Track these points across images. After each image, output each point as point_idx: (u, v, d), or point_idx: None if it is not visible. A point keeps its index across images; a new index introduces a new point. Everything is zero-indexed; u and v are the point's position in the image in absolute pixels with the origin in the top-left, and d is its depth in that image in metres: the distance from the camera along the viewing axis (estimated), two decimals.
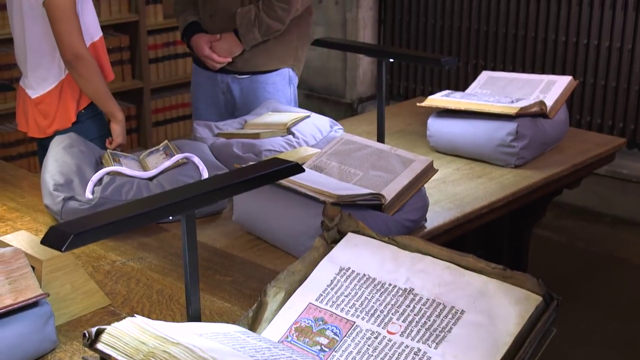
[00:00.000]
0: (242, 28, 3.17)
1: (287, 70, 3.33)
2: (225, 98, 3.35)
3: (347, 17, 5.67)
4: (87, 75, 2.88)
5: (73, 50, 2.82)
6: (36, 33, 2.90)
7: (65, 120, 2.96)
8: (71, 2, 2.82)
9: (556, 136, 3.02)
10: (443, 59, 2.70)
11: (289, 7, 3.16)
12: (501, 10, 4.98)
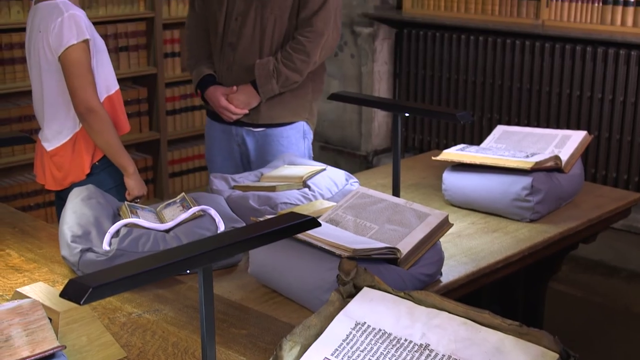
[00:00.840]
0: (260, 79, 3.20)
1: (301, 123, 3.36)
2: (240, 150, 3.38)
3: (363, 70, 5.73)
4: (99, 129, 2.92)
5: (86, 104, 2.87)
6: (52, 87, 2.95)
7: (79, 172, 3.00)
8: (86, 57, 2.88)
9: (571, 191, 3.02)
10: (458, 114, 2.72)
11: (308, 59, 3.19)
12: (515, 64, 5.02)
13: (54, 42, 2.86)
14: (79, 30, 2.86)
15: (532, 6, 4.99)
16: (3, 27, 4.45)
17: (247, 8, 3.19)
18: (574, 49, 4.76)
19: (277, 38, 3.21)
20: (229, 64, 3.26)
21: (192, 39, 3.39)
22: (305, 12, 3.18)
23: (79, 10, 2.91)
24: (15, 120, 4.57)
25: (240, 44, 3.21)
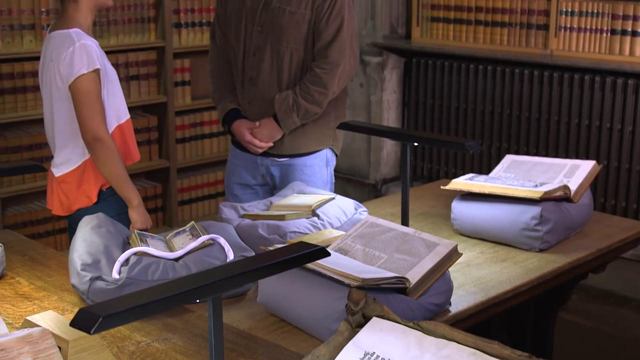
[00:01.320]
0: (280, 113, 3.23)
1: (325, 151, 3.39)
2: (264, 180, 3.40)
3: (372, 99, 5.75)
4: (104, 158, 2.94)
5: (93, 133, 2.90)
6: (63, 115, 2.98)
7: (86, 199, 3.02)
8: (96, 87, 2.90)
9: (581, 220, 3.01)
10: (467, 144, 2.73)
11: (326, 90, 3.21)
12: (524, 93, 5.03)
13: (65, 71, 2.89)
14: (89, 59, 2.88)
15: (540, 36, 5.01)
16: (16, 56, 4.49)
17: (263, 43, 3.22)
18: (583, 79, 4.78)
19: (295, 70, 3.24)
20: (251, 98, 3.29)
21: (215, 72, 3.43)
22: (319, 44, 3.21)
23: (90, 40, 2.94)
24: (27, 148, 4.59)
25: (259, 78, 3.25)
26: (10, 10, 4.44)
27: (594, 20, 4.77)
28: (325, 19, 3.19)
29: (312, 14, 3.19)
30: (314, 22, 3.20)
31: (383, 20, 5.68)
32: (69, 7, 2.99)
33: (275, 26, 3.20)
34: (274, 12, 3.20)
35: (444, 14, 5.43)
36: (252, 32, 3.24)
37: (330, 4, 3.19)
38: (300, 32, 3.20)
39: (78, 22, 2.96)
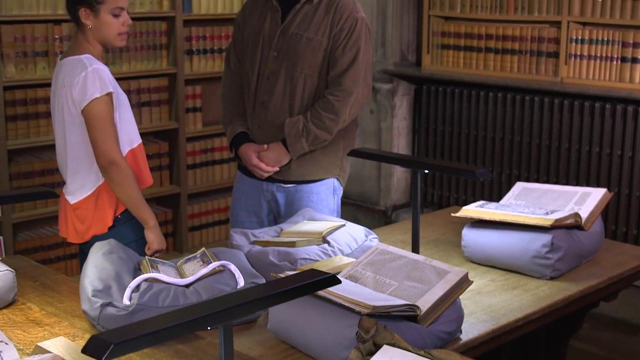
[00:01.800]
0: (290, 137, 3.23)
1: (332, 180, 3.39)
2: (269, 206, 3.40)
3: (382, 126, 5.76)
4: (119, 181, 2.95)
5: (107, 156, 2.91)
6: (75, 140, 2.99)
7: (102, 225, 3.02)
8: (108, 110, 2.92)
9: (592, 248, 3.01)
10: (477, 171, 2.74)
11: (337, 117, 3.22)
12: (535, 121, 5.04)
13: (78, 96, 2.91)
14: (102, 83, 2.90)
15: (551, 64, 5.02)
16: (29, 82, 4.52)
17: (278, 67, 3.24)
18: (593, 106, 4.78)
19: (308, 96, 3.25)
20: (261, 122, 3.30)
21: (227, 96, 3.45)
22: (334, 71, 3.23)
23: (102, 65, 2.96)
24: (38, 173, 4.62)
25: (271, 103, 3.26)
26: (24, 37, 4.48)
27: (604, 47, 4.78)
28: (342, 47, 3.22)
29: (328, 41, 3.22)
30: (330, 49, 3.23)
31: (394, 47, 5.70)
32: (80, 35, 3.02)
33: (292, 52, 3.22)
34: (291, 37, 3.22)
35: (455, 41, 5.45)
36: (268, 57, 3.26)
37: (347, 33, 3.22)
38: (316, 58, 3.22)
39: (88, 49, 2.99)
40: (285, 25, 3.24)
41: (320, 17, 3.23)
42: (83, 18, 2.96)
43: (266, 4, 3.32)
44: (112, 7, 2.96)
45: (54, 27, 4.59)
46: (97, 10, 2.94)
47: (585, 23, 4.89)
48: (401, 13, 5.68)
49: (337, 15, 3.22)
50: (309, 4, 3.24)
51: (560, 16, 4.93)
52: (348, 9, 3.23)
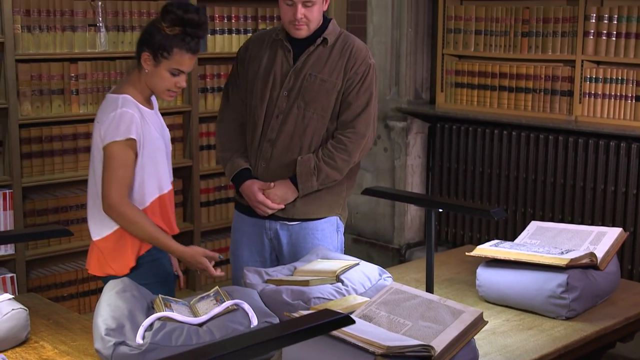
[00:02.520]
0: (302, 176, 3.23)
1: (335, 218, 3.39)
2: (272, 244, 3.38)
3: (396, 164, 5.76)
4: (123, 224, 2.94)
5: (106, 199, 2.91)
6: (100, 176, 2.98)
7: (123, 265, 2.99)
8: (125, 155, 2.91)
9: (608, 288, 2.99)
10: (492, 210, 2.73)
11: (349, 158, 3.25)
12: (549, 159, 5.03)
13: (103, 134, 2.91)
14: (125, 128, 2.89)
15: (565, 102, 5.02)
16: (44, 120, 4.55)
17: (289, 106, 3.25)
18: (608, 145, 4.77)
19: (317, 137, 3.26)
20: (266, 160, 3.30)
21: (226, 131, 3.42)
22: (347, 115, 3.26)
23: (134, 109, 2.94)
24: (52, 211, 4.63)
25: (279, 141, 3.26)
26: (40, 75, 4.52)
27: (618, 86, 4.79)
28: (356, 91, 3.25)
29: (342, 84, 3.24)
30: (342, 92, 3.25)
31: (407, 85, 5.72)
32: (134, 73, 3.01)
33: (305, 92, 3.23)
34: (304, 78, 3.24)
35: (468, 79, 5.47)
36: (279, 96, 3.27)
37: (362, 77, 3.25)
38: (329, 100, 3.24)
39: (131, 90, 2.98)
40: (298, 65, 3.26)
41: (334, 60, 3.25)
42: (143, 60, 2.95)
43: (274, 43, 3.33)
44: (174, 67, 2.95)
45: (70, 66, 4.63)
46: (159, 61, 2.94)
47: (600, 62, 4.89)
48: (415, 51, 5.71)
49: (352, 60, 3.25)
50: (323, 45, 3.26)
51: (574, 55, 4.94)
52: (362, 54, 3.28)
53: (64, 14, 4.57)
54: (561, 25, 4.98)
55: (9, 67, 4.35)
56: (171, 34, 2.91)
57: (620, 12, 4.74)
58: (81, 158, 4.70)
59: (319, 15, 3.23)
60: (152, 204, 3.02)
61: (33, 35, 4.47)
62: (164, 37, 2.91)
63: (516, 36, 5.21)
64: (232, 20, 5.29)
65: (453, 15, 5.47)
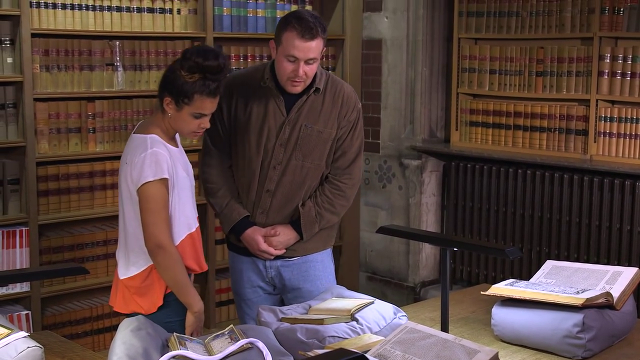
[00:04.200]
0: (305, 226, 3.29)
1: (330, 249, 3.50)
2: (273, 281, 3.40)
3: (411, 202, 5.77)
4: (166, 266, 2.93)
5: (155, 240, 2.90)
6: (131, 217, 2.99)
7: (151, 304, 3.00)
8: (162, 195, 2.92)
9: (624, 328, 2.96)
10: (507, 249, 2.72)
11: (347, 203, 3.38)
12: (564, 198, 5.02)
13: (135, 176, 2.91)
14: (158, 168, 2.90)
15: (580, 141, 5.02)
16: (62, 158, 4.59)
17: (287, 158, 3.26)
18: (623, 184, 4.76)
19: (314, 183, 3.34)
20: (265, 209, 3.32)
21: (218, 178, 3.37)
22: (342, 162, 3.34)
23: (163, 149, 2.96)
24: (68, 248, 4.65)
25: (278, 191, 3.29)
26: (58, 114, 4.56)
27: (633, 126, 4.79)
28: (350, 138, 3.32)
29: (336, 133, 3.30)
30: (336, 139, 3.31)
31: (422, 124, 5.74)
32: (159, 113, 3.02)
33: (302, 144, 3.26)
34: (300, 130, 3.25)
35: (483, 118, 5.48)
36: (274, 147, 3.25)
37: (353, 125, 3.33)
38: (325, 149, 3.30)
39: (158, 130, 2.99)
40: (292, 116, 3.24)
41: (328, 109, 3.27)
42: (165, 105, 2.96)
43: (260, 90, 3.26)
44: (196, 112, 2.95)
45: (87, 104, 4.67)
46: (181, 107, 2.94)
47: (614, 101, 4.90)
48: (430, 90, 5.74)
49: (344, 108, 3.29)
50: (316, 94, 3.27)
51: (589, 94, 4.95)
52: (352, 100, 3.33)
53: (82, 54, 4.62)
54: (575, 64, 5.00)
55: (27, 105, 4.40)
56: (191, 81, 2.91)
57: (634, 52, 4.76)
58: (97, 196, 4.73)
59: (316, 70, 3.22)
60: (182, 242, 3.03)
61: (51, 75, 4.53)
62: (184, 84, 2.90)
63: (531, 75, 5.23)
64: (248, 59, 5.33)
65: (468, 54, 5.50)
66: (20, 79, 4.38)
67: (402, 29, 5.75)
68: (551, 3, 5.09)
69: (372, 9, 5.92)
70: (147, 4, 4.86)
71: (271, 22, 5.40)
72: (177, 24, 5.00)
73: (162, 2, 4.92)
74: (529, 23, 5.20)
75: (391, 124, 5.89)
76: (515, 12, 5.26)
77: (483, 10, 5.41)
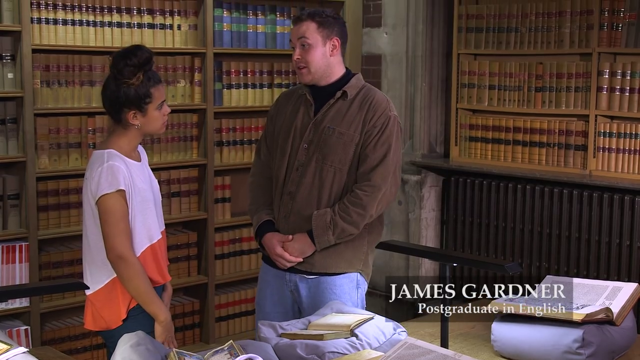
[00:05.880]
0: (317, 230, 3.24)
1: (355, 274, 3.37)
2: (293, 297, 3.39)
3: (410, 217, 5.77)
4: (127, 276, 2.98)
5: (115, 251, 2.96)
6: (93, 232, 3.06)
7: (115, 317, 3.04)
8: (121, 206, 2.97)
9: (624, 344, 2.96)
10: (507, 265, 2.73)
11: (364, 212, 3.24)
12: (564, 213, 5.02)
13: (93, 189, 2.99)
14: (113, 180, 2.96)
15: (579, 156, 5.03)
16: (62, 173, 4.60)
17: (308, 159, 3.28)
18: (622, 199, 4.76)
19: (336, 190, 3.28)
20: (287, 213, 3.32)
21: (255, 186, 3.48)
22: (364, 167, 3.27)
23: (119, 161, 3.01)
24: (67, 263, 4.65)
25: (298, 194, 3.29)
26: (58, 129, 4.57)
27: (632, 141, 4.80)
28: (373, 144, 3.26)
29: (360, 137, 3.27)
30: (361, 145, 3.27)
31: (422, 139, 5.75)
32: (116, 129, 3.10)
33: (323, 145, 3.26)
34: (323, 131, 3.27)
35: (482, 133, 5.49)
36: (299, 148, 3.30)
37: (379, 130, 3.26)
38: (347, 153, 3.26)
39: (119, 144, 3.06)
40: (317, 118, 3.30)
41: (353, 113, 3.28)
42: (131, 120, 3.04)
43: (300, 98, 3.39)
44: (158, 103, 3.06)
45: (87, 120, 4.68)
46: (145, 109, 3.03)
47: (613, 117, 4.91)
48: (429, 105, 5.75)
49: (371, 112, 3.27)
50: (343, 99, 3.30)
51: (588, 110, 4.96)
52: (381, 106, 3.30)
53: (83, 69, 4.64)
54: (574, 80, 5.01)
55: (27, 120, 4.41)
56: (139, 82, 3.00)
57: (633, 67, 4.77)
58: None
59: (321, 60, 3.28)
60: (143, 253, 3.07)
61: (52, 90, 4.54)
62: (138, 88, 3.01)
63: (530, 91, 5.24)
64: (248, 74, 5.35)
65: (467, 70, 5.52)
66: (21, 94, 4.39)
67: (401, 45, 5.76)
68: (550, 19, 5.11)
69: (372, 24, 5.94)
70: (148, 19, 4.88)
71: (271, 38, 5.43)
72: (178, 40, 5.02)
73: (162, 17, 4.94)
74: (528, 39, 5.22)
75: None
76: (514, 28, 5.28)
77: (482, 26, 5.42)
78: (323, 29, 3.28)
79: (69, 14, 4.58)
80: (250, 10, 5.35)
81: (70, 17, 4.59)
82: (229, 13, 5.25)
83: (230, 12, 5.26)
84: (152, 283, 3.07)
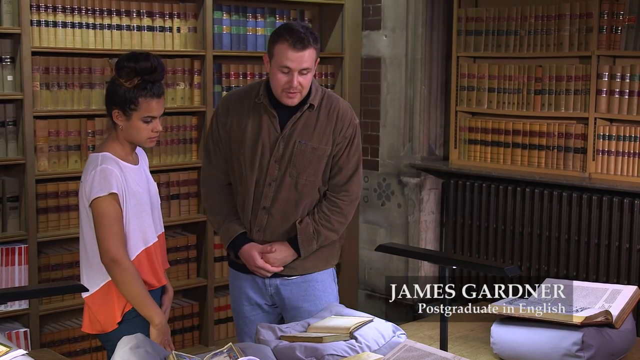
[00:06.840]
0: (303, 242, 3.27)
1: (332, 269, 3.45)
2: (273, 300, 3.39)
3: (409, 220, 5.77)
4: (122, 280, 2.98)
5: (109, 254, 2.96)
6: (87, 235, 3.05)
7: (111, 320, 3.04)
8: (114, 209, 2.98)
9: (623, 347, 2.96)
10: (506, 268, 2.73)
11: (345, 220, 3.34)
12: (563, 216, 5.02)
13: (87, 192, 3.00)
14: (106, 183, 2.97)
15: (578, 159, 5.03)
16: (61, 175, 4.60)
17: (281, 175, 3.26)
18: (622, 202, 4.76)
19: (311, 201, 3.31)
20: (261, 226, 3.31)
21: (214, 194, 3.39)
22: (339, 179, 3.31)
23: (113, 164, 3.01)
24: (67, 265, 4.65)
25: (274, 208, 3.27)
26: (57, 131, 4.57)
27: (631, 144, 4.80)
28: (346, 155, 3.30)
29: (332, 149, 3.28)
30: (332, 156, 3.29)
31: (421, 142, 5.75)
32: (112, 131, 3.11)
33: (296, 161, 3.25)
34: (294, 146, 3.24)
35: (482, 136, 5.49)
36: (269, 164, 3.25)
37: (349, 142, 3.30)
38: (320, 166, 3.28)
39: (114, 147, 3.08)
40: (286, 133, 3.24)
41: (322, 125, 3.26)
42: (115, 118, 3.05)
43: (255, 107, 3.28)
44: (144, 115, 3.04)
45: (87, 122, 4.68)
46: (129, 115, 3.03)
47: (613, 119, 4.91)
48: (429, 108, 5.75)
49: (340, 124, 3.28)
50: (310, 110, 3.27)
51: (587, 113, 4.96)
52: (348, 116, 3.31)
53: (82, 72, 4.64)
54: (574, 83, 5.01)
55: (27, 123, 4.41)
56: (131, 87, 2.99)
57: (632, 70, 4.77)
58: None
59: (311, 81, 3.23)
60: (138, 256, 3.07)
61: (51, 92, 4.54)
62: (127, 91, 3.00)
63: (529, 94, 5.24)
64: (248, 77, 5.35)
65: (466, 72, 5.52)
66: (21, 96, 4.39)
67: (401, 48, 5.76)
68: (549, 22, 5.11)
69: (371, 27, 5.94)
70: (147, 22, 4.88)
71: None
72: (177, 42, 5.03)
73: (162, 20, 4.94)
74: (527, 42, 5.22)
75: (390, 142, 5.89)
76: (513, 30, 5.28)
77: (482, 29, 5.42)
78: (318, 51, 3.21)
79: (68, 16, 4.59)
80: (249, 12, 5.35)
81: (70, 19, 4.59)
82: (228, 16, 5.25)
83: (229, 15, 5.26)
84: (147, 286, 3.07)
